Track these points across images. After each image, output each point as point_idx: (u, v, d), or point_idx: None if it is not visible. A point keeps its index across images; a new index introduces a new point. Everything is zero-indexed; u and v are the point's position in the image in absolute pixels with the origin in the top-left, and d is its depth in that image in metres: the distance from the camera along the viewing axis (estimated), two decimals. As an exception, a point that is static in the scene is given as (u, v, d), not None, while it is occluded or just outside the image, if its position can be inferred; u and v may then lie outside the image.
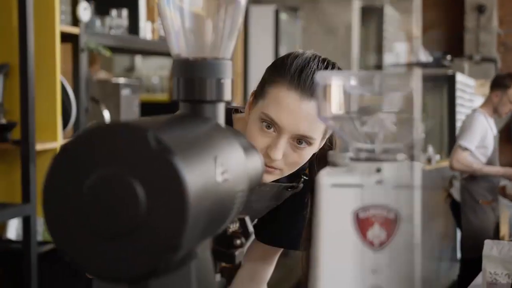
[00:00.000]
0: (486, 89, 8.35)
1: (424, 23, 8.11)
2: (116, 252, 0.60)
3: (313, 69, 1.25)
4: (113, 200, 0.59)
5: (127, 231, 0.59)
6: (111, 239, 0.60)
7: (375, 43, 7.20)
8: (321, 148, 1.34)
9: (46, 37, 2.50)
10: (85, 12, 2.66)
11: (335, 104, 0.70)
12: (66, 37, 2.67)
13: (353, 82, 0.69)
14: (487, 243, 1.96)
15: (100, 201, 0.59)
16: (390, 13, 7.38)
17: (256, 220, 1.49)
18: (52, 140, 2.52)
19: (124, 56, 5.66)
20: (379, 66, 7.24)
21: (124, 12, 3.11)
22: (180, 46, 0.77)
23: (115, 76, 4.93)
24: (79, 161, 0.60)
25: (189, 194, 0.58)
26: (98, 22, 2.94)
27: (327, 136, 1.32)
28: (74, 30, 2.68)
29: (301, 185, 1.43)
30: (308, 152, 1.28)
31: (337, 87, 0.69)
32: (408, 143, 0.70)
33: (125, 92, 3.06)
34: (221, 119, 0.77)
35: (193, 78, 0.75)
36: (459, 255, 4.91)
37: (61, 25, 2.58)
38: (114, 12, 3.07)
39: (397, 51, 5.68)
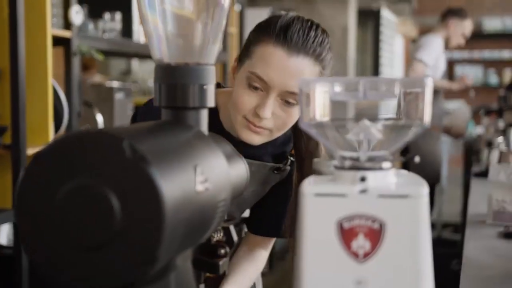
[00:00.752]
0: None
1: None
2: (90, 264, 0.58)
3: (298, 27, 1.25)
4: (87, 211, 0.57)
5: (102, 243, 0.57)
6: (85, 251, 0.58)
7: (372, 46, 7.20)
8: None
9: (37, 41, 2.47)
10: (77, 15, 2.64)
11: (319, 110, 0.68)
12: (58, 41, 2.65)
13: (337, 88, 0.67)
14: (494, 168, 1.82)
15: (74, 211, 0.57)
16: (386, 15, 7.37)
17: (247, 211, 1.48)
18: (44, 144, 2.49)
19: (121, 59, 5.64)
20: (376, 68, 7.23)
21: (118, 16, 3.09)
22: (162, 51, 0.75)
23: (111, 79, 4.91)
24: (52, 170, 0.58)
25: (166, 204, 0.56)
26: (91, 26, 2.92)
27: None
28: (66, 33, 2.66)
29: (288, 167, 1.43)
30: (296, 112, 1.27)
31: (321, 93, 0.67)
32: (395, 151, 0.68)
33: (118, 96, 3.04)
34: (204, 126, 0.76)
35: (175, 84, 0.73)
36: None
37: (53, 29, 2.55)
38: (107, 15, 3.05)
39: None
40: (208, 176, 0.67)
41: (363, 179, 0.65)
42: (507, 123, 3.44)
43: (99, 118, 2.93)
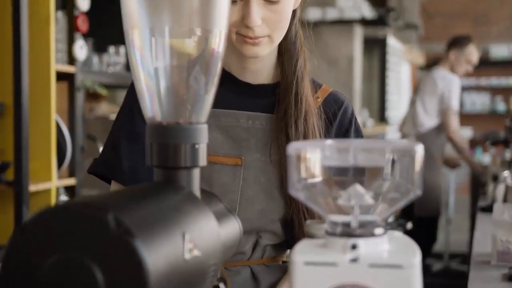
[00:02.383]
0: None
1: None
2: None
3: None
4: (71, 285, 0.56)
5: (86, 318, 0.56)
6: (68, 326, 0.56)
7: (378, 74, 7.21)
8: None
9: (41, 76, 2.48)
10: (81, 50, 2.65)
11: (309, 174, 0.67)
12: (62, 76, 2.66)
13: (327, 152, 0.66)
14: (497, 207, 1.79)
15: (57, 285, 0.56)
16: (393, 43, 7.39)
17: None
18: (47, 180, 2.49)
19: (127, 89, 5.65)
20: (382, 97, 7.23)
21: (122, 49, 3.10)
22: (154, 110, 0.74)
23: (119, 105, 4.91)
24: (37, 243, 0.58)
25: (151, 278, 0.55)
26: (95, 59, 2.93)
27: None
28: (70, 69, 2.67)
29: None
30: (286, 5, 1.19)
31: (311, 157, 0.67)
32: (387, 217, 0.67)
33: (123, 129, 3.04)
34: (195, 185, 0.75)
35: (167, 143, 0.73)
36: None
37: (57, 64, 2.56)
38: (112, 49, 3.06)
39: (341, 6, 5.57)
40: (197, 242, 0.66)
41: (354, 247, 0.64)
42: (514, 155, 3.42)
43: (103, 152, 2.93)
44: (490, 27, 9.73)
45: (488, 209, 2.74)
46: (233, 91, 1.28)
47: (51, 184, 2.50)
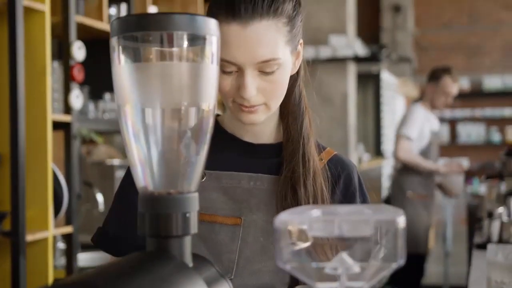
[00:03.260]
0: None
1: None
2: None
3: None
4: None
5: None
6: None
7: (373, 108, 7.26)
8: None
9: (37, 126, 2.51)
10: (77, 100, 2.69)
11: (296, 245, 0.69)
12: (59, 124, 2.69)
13: (313, 224, 0.68)
14: (491, 248, 1.80)
15: None
16: (386, 78, 7.46)
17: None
18: (43, 229, 2.50)
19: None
20: (377, 131, 7.28)
21: (118, 96, 3.13)
22: (145, 180, 0.77)
23: (116, 147, 4.94)
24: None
25: None
26: (91, 106, 2.96)
27: (298, 47, 1.24)
28: (66, 118, 2.69)
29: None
30: (282, 74, 1.19)
31: (297, 229, 0.69)
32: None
33: (119, 174, 3.06)
34: (187, 253, 0.76)
35: (158, 213, 0.75)
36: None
37: (53, 114, 2.59)
38: (107, 95, 3.10)
39: (334, 44, 5.63)
40: (188, 314, 0.67)
41: (341, 316, 0.65)
42: (508, 191, 3.44)
43: (100, 198, 2.95)
44: (483, 59, 9.84)
45: (484, 246, 2.75)
46: (236, 152, 1.30)
47: (47, 233, 2.51)
